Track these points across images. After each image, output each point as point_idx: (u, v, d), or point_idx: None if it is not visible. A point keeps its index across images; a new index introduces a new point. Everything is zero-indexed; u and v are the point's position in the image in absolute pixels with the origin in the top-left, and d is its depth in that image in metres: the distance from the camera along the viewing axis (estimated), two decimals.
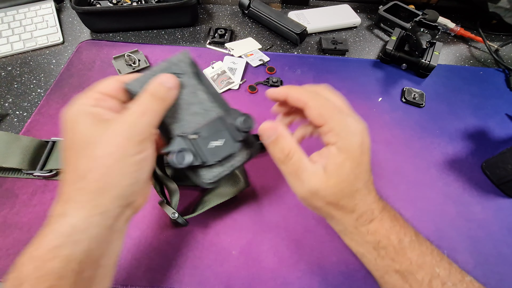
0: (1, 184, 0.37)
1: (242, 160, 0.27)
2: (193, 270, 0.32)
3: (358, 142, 0.25)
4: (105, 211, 0.21)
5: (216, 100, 0.27)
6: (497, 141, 0.45)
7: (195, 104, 0.27)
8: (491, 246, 0.35)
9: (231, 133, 0.26)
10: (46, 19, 0.57)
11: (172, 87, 0.24)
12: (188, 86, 0.27)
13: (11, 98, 0.46)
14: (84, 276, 0.20)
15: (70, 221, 0.20)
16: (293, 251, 0.34)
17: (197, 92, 0.27)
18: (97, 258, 0.21)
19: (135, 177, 0.22)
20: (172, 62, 0.27)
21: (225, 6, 0.66)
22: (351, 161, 0.25)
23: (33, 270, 0.19)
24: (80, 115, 0.23)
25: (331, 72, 0.53)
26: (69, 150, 0.22)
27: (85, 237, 0.20)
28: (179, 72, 0.27)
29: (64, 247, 0.20)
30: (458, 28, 0.61)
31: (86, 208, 0.21)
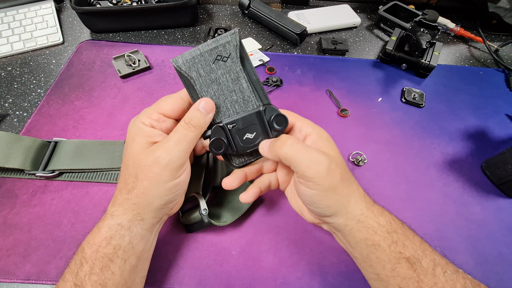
0: (2, 184, 0.37)
1: None
2: (193, 270, 0.32)
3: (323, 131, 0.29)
4: (144, 219, 0.27)
5: (256, 90, 0.28)
6: (497, 141, 0.45)
7: (236, 91, 0.27)
8: (491, 246, 0.35)
9: (264, 129, 0.28)
10: (46, 19, 0.57)
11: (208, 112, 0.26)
12: (231, 71, 0.27)
13: (11, 98, 0.46)
14: (128, 263, 0.25)
15: (117, 220, 0.26)
16: (293, 251, 0.34)
17: (239, 80, 0.27)
18: (138, 252, 0.26)
19: (168, 199, 0.27)
20: (220, 42, 0.26)
21: (225, 6, 0.66)
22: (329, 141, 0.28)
23: (91, 253, 0.25)
24: (137, 134, 0.27)
25: (331, 72, 0.53)
26: (125, 161, 0.27)
27: (128, 234, 0.26)
28: (225, 56, 0.27)
29: (114, 238, 0.25)
30: (458, 28, 0.61)
31: (129, 214, 0.26)
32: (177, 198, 0.28)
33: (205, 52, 0.27)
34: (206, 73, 0.27)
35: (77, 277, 0.24)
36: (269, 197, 0.38)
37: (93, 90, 0.48)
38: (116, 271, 0.25)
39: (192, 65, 0.27)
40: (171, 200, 0.27)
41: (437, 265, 0.24)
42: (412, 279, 0.24)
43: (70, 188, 0.37)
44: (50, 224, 0.34)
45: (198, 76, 0.27)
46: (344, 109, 0.47)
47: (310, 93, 0.50)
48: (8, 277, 0.31)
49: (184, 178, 0.27)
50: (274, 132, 0.28)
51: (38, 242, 0.33)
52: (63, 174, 0.38)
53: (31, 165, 0.36)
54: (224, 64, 0.27)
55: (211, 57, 0.27)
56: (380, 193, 0.39)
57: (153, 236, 0.29)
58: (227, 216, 0.34)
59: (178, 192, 0.27)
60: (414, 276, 0.24)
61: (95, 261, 0.24)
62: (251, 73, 0.27)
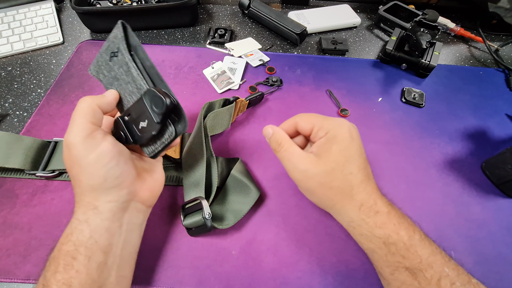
0: (2, 184, 0.37)
1: (170, 138, 0.26)
2: (193, 270, 0.32)
3: (344, 131, 0.28)
4: (97, 207, 0.26)
5: (150, 76, 0.27)
6: (497, 141, 0.45)
7: (131, 82, 0.27)
8: (490, 246, 0.35)
9: (151, 114, 0.26)
10: (46, 19, 0.57)
11: None
12: (123, 64, 0.27)
13: (11, 98, 0.46)
14: (93, 260, 0.24)
15: (75, 216, 0.26)
16: (293, 251, 0.34)
17: (130, 70, 0.27)
18: (103, 246, 0.25)
19: (104, 174, 0.25)
20: (109, 40, 0.28)
21: (225, 6, 0.66)
22: (338, 145, 0.27)
23: (56, 252, 0.25)
24: None
25: (331, 72, 0.53)
26: None
27: (86, 227, 0.25)
28: (115, 51, 0.27)
29: (73, 234, 0.25)
30: (458, 28, 0.61)
31: (81, 206, 0.26)
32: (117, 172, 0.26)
33: (102, 52, 0.28)
34: (108, 72, 0.28)
35: (45, 277, 0.23)
36: (269, 197, 0.38)
37: (93, 90, 0.48)
38: (81, 269, 0.23)
39: (98, 68, 0.29)
40: (109, 175, 0.25)
41: (444, 277, 0.24)
42: (413, 286, 0.24)
43: (70, 188, 0.37)
44: (50, 224, 0.34)
45: (104, 76, 0.29)
46: (344, 109, 0.47)
47: (310, 93, 0.50)
48: (8, 277, 0.31)
49: (108, 148, 0.26)
50: (157, 116, 0.25)
51: (38, 242, 0.33)
52: (63, 174, 0.38)
53: (31, 165, 0.36)
54: (117, 59, 0.27)
55: (107, 55, 0.28)
56: None
57: (124, 228, 0.27)
58: (229, 219, 0.34)
59: (110, 165, 0.25)
60: (415, 284, 0.24)
61: (58, 259, 0.24)
62: (145, 60, 0.27)
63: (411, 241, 0.25)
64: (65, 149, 0.26)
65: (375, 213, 0.26)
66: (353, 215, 0.27)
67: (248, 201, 0.35)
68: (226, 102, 0.42)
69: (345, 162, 0.27)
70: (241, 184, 0.36)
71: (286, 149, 0.29)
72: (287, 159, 0.29)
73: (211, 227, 0.31)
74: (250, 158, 0.41)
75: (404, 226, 0.26)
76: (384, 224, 0.26)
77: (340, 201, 0.27)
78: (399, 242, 0.25)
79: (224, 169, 0.38)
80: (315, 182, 0.27)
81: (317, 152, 0.28)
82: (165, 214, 0.36)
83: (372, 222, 0.26)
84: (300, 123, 0.31)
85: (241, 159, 0.40)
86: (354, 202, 0.27)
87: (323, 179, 0.27)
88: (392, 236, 0.26)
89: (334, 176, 0.27)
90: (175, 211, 0.36)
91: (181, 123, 0.26)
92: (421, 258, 0.25)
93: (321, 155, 0.27)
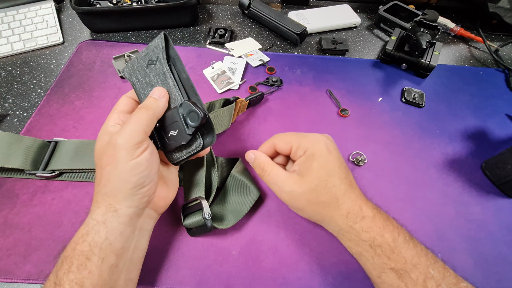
0: (2, 184, 0.37)
1: (197, 149, 0.28)
2: (193, 270, 0.32)
3: (321, 147, 0.30)
4: (117, 210, 0.26)
5: (185, 88, 0.28)
6: (497, 141, 0.45)
7: None
8: (490, 246, 0.35)
9: (183, 125, 0.27)
10: (46, 19, 0.57)
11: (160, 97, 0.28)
12: (160, 73, 0.28)
13: (11, 98, 0.46)
14: (106, 262, 0.24)
15: (93, 215, 0.26)
16: (293, 251, 0.34)
17: (167, 80, 0.28)
18: (117, 249, 0.25)
19: (135, 182, 0.26)
20: (149, 48, 0.29)
21: (225, 6, 0.66)
22: (318, 161, 0.29)
23: (70, 251, 0.25)
24: (101, 135, 0.28)
25: (331, 72, 0.53)
26: (94, 161, 0.28)
27: (103, 228, 0.25)
28: (154, 59, 0.28)
29: (89, 234, 0.25)
30: (458, 28, 0.61)
31: (102, 207, 0.26)
32: (146, 181, 0.27)
33: (140, 58, 0.30)
34: (143, 77, 0.30)
35: (57, 276, 0.24)
36: (269, 197, 0.38)
37: (93, 90, 0.48)
38: (94, 270, 0.24)
39: (132, 72, 0.31)
40: (139, 183, 0.26)
41: (429, 278, 0.25)
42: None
43: (70, 188, 0.37)
44: (51, 224, 0.34)
45: (137, 81, 0.30)
46: (344, 109, 0.47)
47: (310, 93, 0.50)
48: (8, 277, 0.31)
49: (146, 158, 0.27)
50: (190, 128, 0.27)
51: (38, 242, 0.33)
52: (63, 174, 0.38)
53: (31, 165, 0.36)
54: (154, 67, 0.29)
55: (145, 62, 0.29)
56: (380, 193, 0.39)
57: (136, 233, 0.28)
58: (229, 219, 0.34)
59: (143, 174, 0.26)
60: (401, 285, 0.25)
61: (72, 259, 0.24)
62: (181, 72, 0.29)
63: (395, 243, 0.26)
64: (108, 147, 0.26)
65: (361, 219, 0.27)
66: (341, 223, 0.28)
67: (248, 201, 0.35)
68: (226, 102, 0.42)
69: (327, 177, 0.28)
70: (241, 184, 0.36)
71: (270, 172, 0.30)
72: (272, 182, 0.30)
73: (211, 227, 0.31)
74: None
75: (389, 229, 0.27)
76: (370, 228, 0.27)
77: (329, 213, 0.28)
78: (384, 244, 0.26)
79: (224, 169, 0.38)
80: (303, 200, 0.29)
81: (299, 171, 0.29)
82: (165, 214, 0.36)
83: (359, 227, 0.27)
84: (278, 144, 0.32)
85: (241, 159, 0.40)
86: (341, 212, 0.28)
87: (309, 196, 0.28)
88: (377, 238, 0.27)
89: (319, 192, 0.28)
90: (175, 211, 0.36)
91: (210, 137, 0.28)
92: (405, 259, 0.26)
93: (304, 174, 0.29)
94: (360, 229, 0.27)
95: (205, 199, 0.32)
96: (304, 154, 0.30)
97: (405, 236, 0.27)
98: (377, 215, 0.28)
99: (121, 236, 0.26)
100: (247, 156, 0.33)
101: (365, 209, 0.28)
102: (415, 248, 0.26)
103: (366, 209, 0.28)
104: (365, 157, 0.42)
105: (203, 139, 0.28)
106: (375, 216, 0.28)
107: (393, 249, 0.26)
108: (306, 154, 0.30)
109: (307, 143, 0.30)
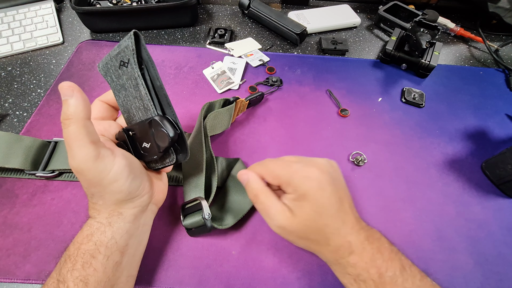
0: (1, 184, 0.37)
1: (170, 163, 0.28)
2: (193, 270, 0.32)
3: (313, 185, 0.27)
4: (122, 213, 0.27)
5: (158, 97, 0.27)
6: (497, 141, 0.45)
7: (138, 98, 0.27)
8: (491, 246, 0.35)
9: (155, 140, 0.26)
10: (46, 19, 0.57)
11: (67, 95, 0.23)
12: (132, 77, 0.26)
13: (11, 98, 0.46)
14: (111, 260, 0.25)
15: (97, 219, 0.26)
16: (293, 251, 0.34)
17: (138, 86, 0.26)
18: (122, 247, 0.26)
19: (126, 189, 0.26)
20: (121, 47, 0.26)
21: (225, 6, 0.66)
22: (309, 202, 0.27)
23: (74, 250, 0.25)
24: None
25: (331, 72, 0.53)
26: None
27: (109, 229, 0.26)
28: (126, 61, 0.26)
29: (94, 235, 0.25)
30: (458, 28, 0.61)
31: (104, 213, 0.27)
32: (137, 182, 0.27)
33: (112, 57, 0.27)
34: (116, 78, 0.27)
35: (60, 273, 0.24)
36: None
37: (93, 90, 0.48)
38: (99, 268, 0.24)
39: (107, 70, 0.28)
40: (132, 188, 0.26)
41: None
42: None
43: (70, 188, 0.37)
44: (50, 224, 0.34)
45: (111, 80, 0.28)
46: (344, 109, 0.47)
47: (310, 93, 0.50)
48: (8, 277, 0.31)
49: (121, 164, 0.25)
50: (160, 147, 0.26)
51: (38, 242, 0.33)
52: (63, 174, 0.38)
53: (31, 165, 0.36)
54: (126, 70, 0.26)
55: (117, 62, 0.26)
56: (380, 193, 0.39)
57: (139, 231, 0.28)
58: (229, 219, 0.34)
59: (130, 178, 0.26)
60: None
61: (76, 257, 0.24)
62: (155, 79, 0.26)
63: (381, 279, 0.25)
64: (78, 175, 0.25)
65: (349, 254, 0.27)
66: (329, 257, 0.28)
67: (248, 201, 0.35)
68: (226, 102, 0.42)
69: (319, 217, 0.27)
70: (241, 185, 0.36)
71: (262, 201, 0.29)
72: (264, 213, 0.29)
73: (211, 228, 0.31)
74: (250, 158, 0.41)
75: (376, 264, 0.26)
76: (356, 263, 0.26)
77: (317, 248, 0.29)
78: (368, 280, 0.26)
79: (224, 170, 0.38)
80: (293, 236, 0.28)
81: (290, 207, 0.28)
82: (165, 214, 0.36)
83: (345, 262, 0.27)
84: (267, 178, 0.30)
85: (241, 159, 0.40)
86: (330, 248, 0.28)
87: (300, 234, 0.28)
88: (362, 274, 0.26)
89: (309, 231, 0.27)
90: (175, 211, 0.36)
91: (183, 154, 0.27)
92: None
93: (295, 212, 0.27)
94: (346, 264, 0.27)
95: (205, 199, 0.32)
96: (294, 193, 0.28)
97: (395, 271, 0.26)
98: (366, 249, 0.27)
99: (126, 234, 0.27)
100: (240, 177, 0.31)
101: (354, 244, 0.27)
102: (403, 284, 0.25)
103: (355, 243, 0.27)
104: (365, 157, 0.42)
105: (176, 154, 0.27)
106: (364, 250, 0.27)
107: (377, 285, 0.25)
108: (297, 193, 0.27)
109: (297, 181, 0.27)
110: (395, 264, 0.26)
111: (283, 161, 0.30)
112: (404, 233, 0.36)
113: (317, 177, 0.27)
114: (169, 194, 0.37)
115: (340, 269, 0.28)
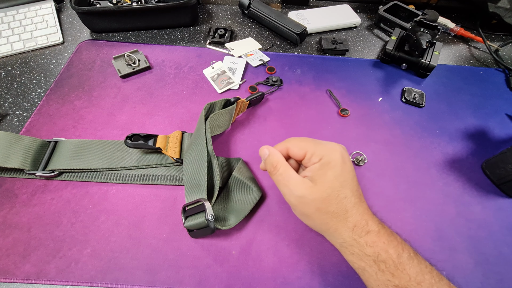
0: (1, 184, 0.37)
1: None
2: (193, 270, 0.32)
3: (337, 156, 0.29)
4: None
5: None
6: (497, 141, 0.45)
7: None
8: (491, 246, 0.35)
9: None
10: (46, 19, 0.57)
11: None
12: None
13: (11, 98, 0.46)
14: None
15: None
16: (293, 251, 0.34)
17: None
18: None
19: None
20: None
21: (225, 6, 0.66)
22: (333, 171, 0.28)
23: None
24: None
25: (331, 72, 0.53)
26: None
27: None
28: None
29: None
30: (458, 28, 0.61)
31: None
32: None
33: None
34: None
35: None
36: (269, 197, 0.38)
37: (93, 90, 0.48)
38: None
39: None
40: None
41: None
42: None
43: (70, 188, 0.37)
44: (50, 224, 0.34)
45: None
46: (344, 109, 0.47)
47: (310, 93, 0.50)
48: (7, 277, 0.31)
49: None
50: None
51: (37, 241, 0.33)
52: (63, 173, 0.38)
53: (31, 165, 0.36)
54: None
55: None
56: (380, 193, 0.39)
57: None
58: (231, 219, 0.34)
59: None
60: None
61: None
62: None
63: (400, 259, 0.26)
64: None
65: (366, 233, 0.27)
66: (346, 236, 0.28)
67: (249, 201, 0.35)
68: (227, 103, 0.42)
69: (340, 187, 0.28)
70: (243, 185, 0.36)
71: (282, 173, 0.29)
72: (283, 183, 0.29)
73: (214, 229, 0.31)
74: (250, 158, 0.41)
75: (393, 244, 0.27)
76: (374, 242, 0.27)
77: (335, 224, 0.28)
78: (388, 260, 0.26)
79: (225, 170, 0.38)
80: (312, 207, 0.28)
81: (312, 177, 0.28)
82: (165, 214, 0.36)
83: (363, 241, 0.27)
84: (292, 149, 0.31)
85: (242, 159, 0.40)
86: (348, 224, 0.28)
87: (320, 205, 0.28)
88: (381, 254, 0.26)
89: (330, 201, 0.27)
90: (175, 211, 0.36)
91: None
92: (410, 277, 0.25)
93: (317, 181, 0.28)
94: (364, 243, 0.27)
95: (207, 201, 0.32)
96: (319, 161, 0.29)
97: (410, 252, 0.27)
98: (381, 230, 0.27)
99: None
100: (261, 151, 0.32)
101: (371, 224, 0.27)
102: (419, 265, 0.26)
103: (372, 223, 0.28)
104: (365, 157, 0.42)
105: None
106: (380, 231, 0.27)
107: (397, 265, 0.25)
108: (321, 162, 0.29)
109: (323, 151, 0.29)
110: (408, 247, 0.27)
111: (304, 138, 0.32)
112: (404, 233, 0.36)
113: (341, 152, 0.29)
114: (169, 194, 0.37)
115: (358, 250, 0.27)
